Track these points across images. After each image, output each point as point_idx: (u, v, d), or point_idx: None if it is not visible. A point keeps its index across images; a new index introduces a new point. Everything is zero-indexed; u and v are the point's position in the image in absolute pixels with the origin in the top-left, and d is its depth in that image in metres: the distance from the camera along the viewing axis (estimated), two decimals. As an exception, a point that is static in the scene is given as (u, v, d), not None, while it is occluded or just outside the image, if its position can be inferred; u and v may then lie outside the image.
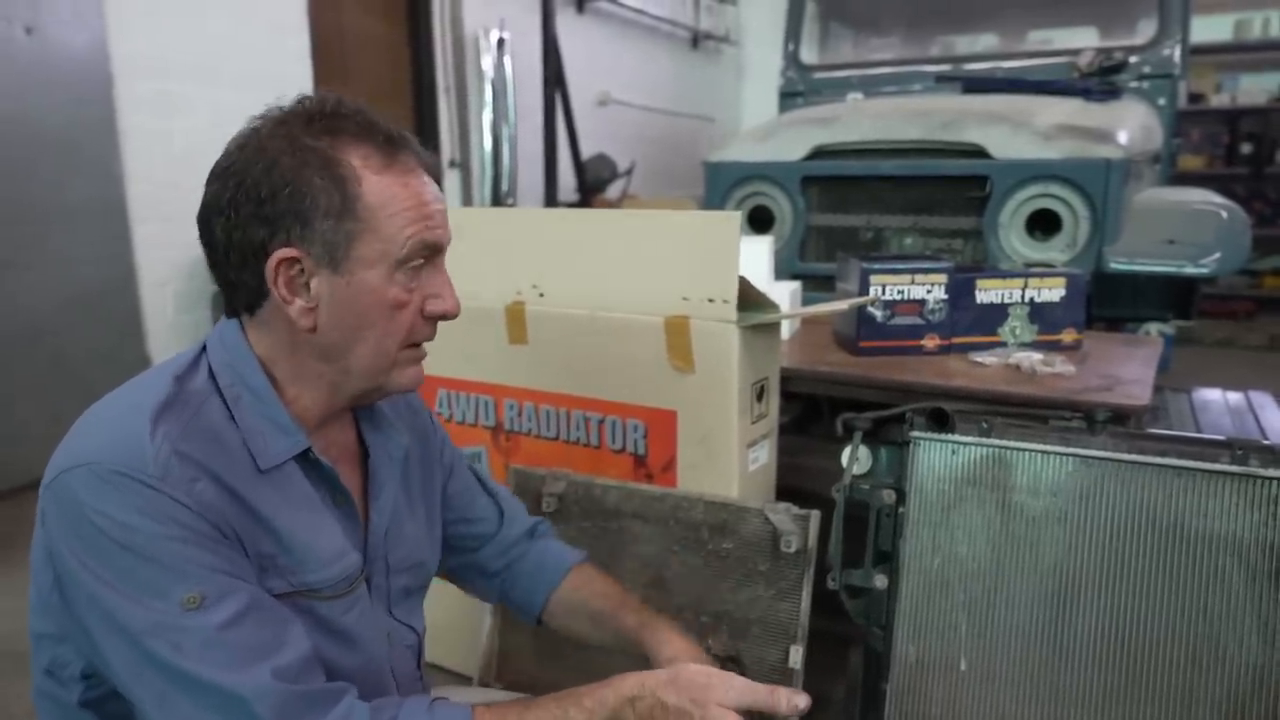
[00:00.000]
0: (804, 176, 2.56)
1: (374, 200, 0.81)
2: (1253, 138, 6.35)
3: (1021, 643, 1.27)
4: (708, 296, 1.48)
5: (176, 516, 0.75)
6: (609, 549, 1.52)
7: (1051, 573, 1.25)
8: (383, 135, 0.83)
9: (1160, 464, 1.20)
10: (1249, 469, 1.17)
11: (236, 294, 0.86)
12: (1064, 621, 1.25)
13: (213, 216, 0.83)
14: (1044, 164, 2.26)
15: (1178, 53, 3.15)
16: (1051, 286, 1.75)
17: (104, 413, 0.82)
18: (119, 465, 0.75)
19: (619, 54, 6.21)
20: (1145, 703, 1.21)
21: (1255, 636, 1.16)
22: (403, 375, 0.90)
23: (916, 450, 1.31)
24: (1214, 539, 1.18)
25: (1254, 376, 4.14)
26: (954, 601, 1.31)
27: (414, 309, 0.87)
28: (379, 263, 0.82)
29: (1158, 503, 1.20)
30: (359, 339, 0.85)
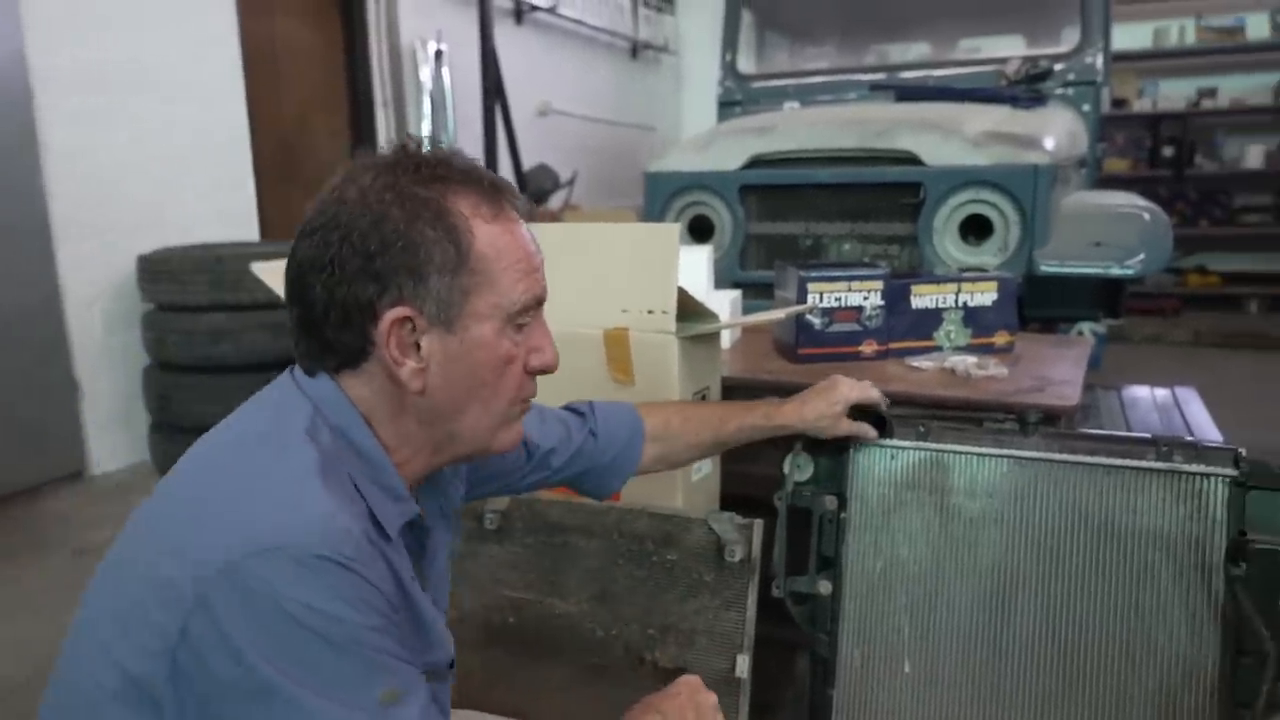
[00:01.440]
0: (742, 185, 2.58)
1: (487, 252, 0.77)
2: (1173, 141, 6.60)
3: (962, 643, 1.29)
4: (647, 308, 1.48)
5: (372, 602, 0.69)
6: (553, 564, 1.51)
7: (990, 573, 1.27)
8: (487, 181, 0.80)
9: (1090, 463, 1.23)
10: (1174, 465, 1.20)
11: (330, 354, 0.79)
12: (1002, 621, 1.27)
13: (309, 274, 0.76)
14: (974, 170, 2.31)
15: (1100, 60, 3.25)
16: (984, 290, 1.79)
17: (257, 483, 0.72)
18: (318, 548, 0.67)
19: (558, 64, 6.21)
20: (1081, 699, 1.23)
21: (1184, 629, 1.20)
22: (508, 434, 0.86)
23: (856, 456, 1.32)
24: (1143, 535, 1.21)
25: (1180, 370, 4.29)
26: (897, 604, 1.32)
27: (521, 364, 0.83)
28: (491, 318, 0.79)
29: (1089, 501, 1.23)
30: (471, 399, 0.81)
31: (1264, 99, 6.45)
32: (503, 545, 1.59)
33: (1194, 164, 6.60)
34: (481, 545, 1.60)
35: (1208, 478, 1.18)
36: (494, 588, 1.57)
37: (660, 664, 1.48)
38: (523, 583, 1.54)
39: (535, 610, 1.52)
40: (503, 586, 1.55)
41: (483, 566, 1.60)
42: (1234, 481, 1.17)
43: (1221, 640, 1.18)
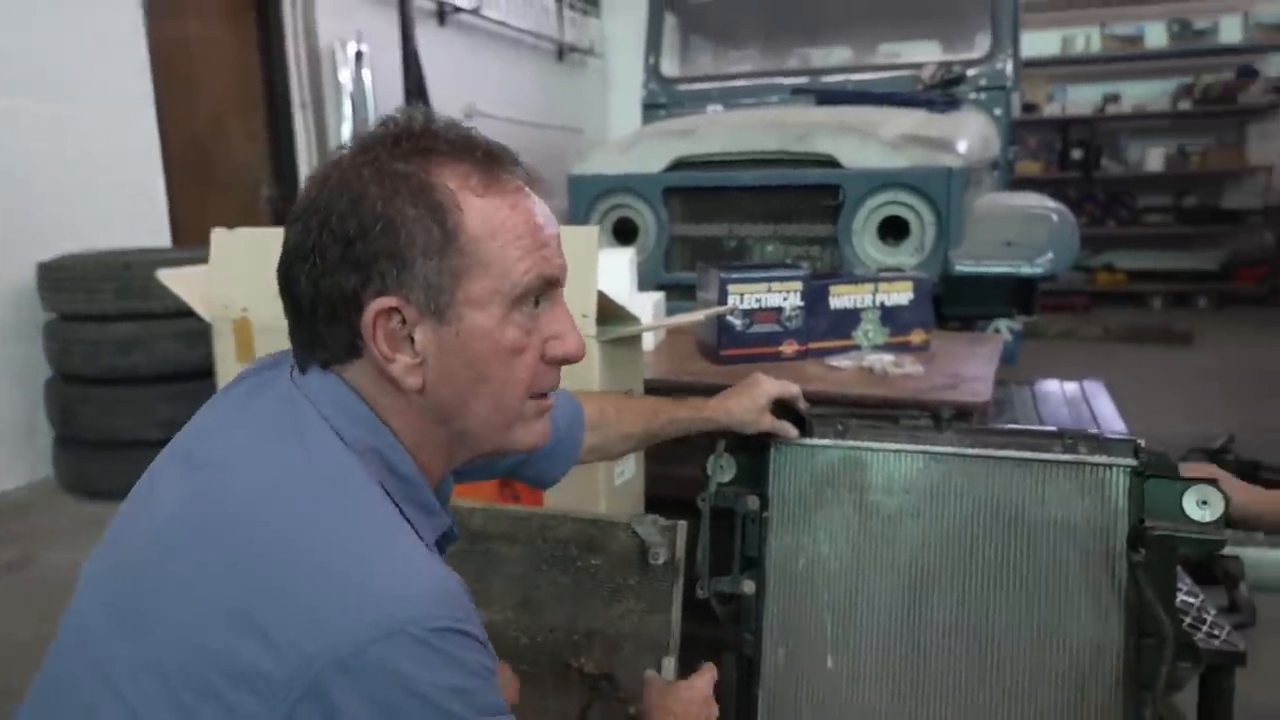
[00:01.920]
0: (666, 188, 2.59)
1: (479, 228, 0.69)
2: (1081, 145, 6.87)
3: (882, 637, 1.31)
4: (567, 312, 1.46)
5: (486, 659, 0.64)
6: (476, 571, 1.49)
7: (907, 567, 1.30)
8: (481, 150, 0.72)
9: (1000, 456, 1.26)
10: (1079, 457, 1.24)
11: (319, 351, 0.72)
12: (920, 613, 1.29)
13: (295, 264, 0.70)
14: (891, 173, 2.36)
15: (1010, 66, 3.36)
16: (900, 290, 1.83)
17: (344, 547, 0.64)
18: (437, 620, 0.61)
19: (483, 66, 6.15)
20: (996, 686, 1.26)
21: (1091, 615, 1.24)
22: (529, 432, 0.78)
23: (777, 456, 1.33)
24: (1051, 525, 1.25)
25: (1090, 365, 4.46)
26: (819, 601, 1.34)
27: (534, 353, 0.75)
28: (490, 302, 0.70)
29: (1000, 493, 1.26)
30: (475, 396, 0.72)
31: (1163, 105, 6.76)
32: (424, 555, 1.56)
33: (1100, 166, 6.88)
34: (402, 555, 1.57)
35: (1110, 468, 1.23)
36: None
37: (586, 670, 1.47)
38: (446, 592, 1.51)
39: (459, 620, 1.49)
40: (425, 597, 1.53)
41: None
42: (1134, 471, 1.22)
43: (1125, 624, 1.22)
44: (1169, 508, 1.21)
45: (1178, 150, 6.82)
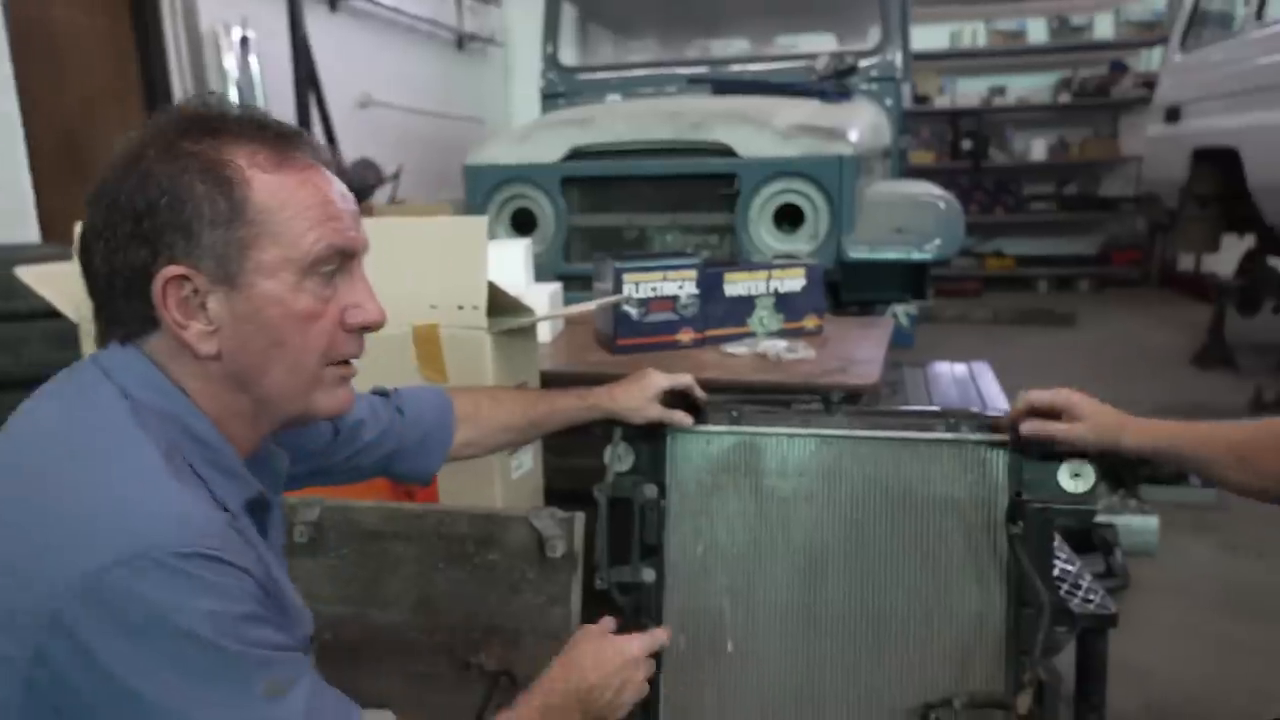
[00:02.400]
0: (564, 178, 2.56)
1: (267, 201, 0.73)
2: (970, 135, 7.12)
3: (779, 618, 1.32)
4: (457, 303, 1.44)
5: (245, 589, 0.67)
6: (371, 574, 1.45)
7: (802, 549, 1.32)
8: (273, 131, 0.76)
9: (887, 437, 1.29)
10: (961, 435, 1.28)
11: (119, 327, 0.76)
12: (815, 594, 1.32)
13: (91, 243, 0.74)
14: (785, 161, 2.40)
15: (899, 58, 3.45)
16: (793, 276, 1.85)
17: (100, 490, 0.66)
18: (181, 545, 0.64)
19: (379, 54, 5.98)
20: (889, 661, 1.30)
21: (975, 587, 1.28)
22: (329, 398, 0.82)
23: (673, 444, 1.33)
24: (937, 502, 1.28)
25: (981, 346, 4.63)
26: (718, 586, 1.35)
27: (331, 321, 0.79)
28: (281, 270, 0.75)
29: (888, 473, 1.30)
30: (272, 360, 0.76)
31: (1045, 97, 7.08)
32: (316, 559, 1.51)
33: (989, 156, 7.15)
34: (293, 560, 1.50)
35: (989, 446, 1.27)
36: (308, 603, 1.48)
37: (486, 667, 1.45)
38: (339, 596, 1.47)
39: (355, 623, 1.45)
40: (318, 602, 1.46)
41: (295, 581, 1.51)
42: (1012, 449, 1.26)
43: (1006, 595, 1.27)
44: (1046, 481, 1.25)
45: (1059, 141, 7.15)
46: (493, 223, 2.62)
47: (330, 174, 0.80)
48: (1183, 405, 3.98)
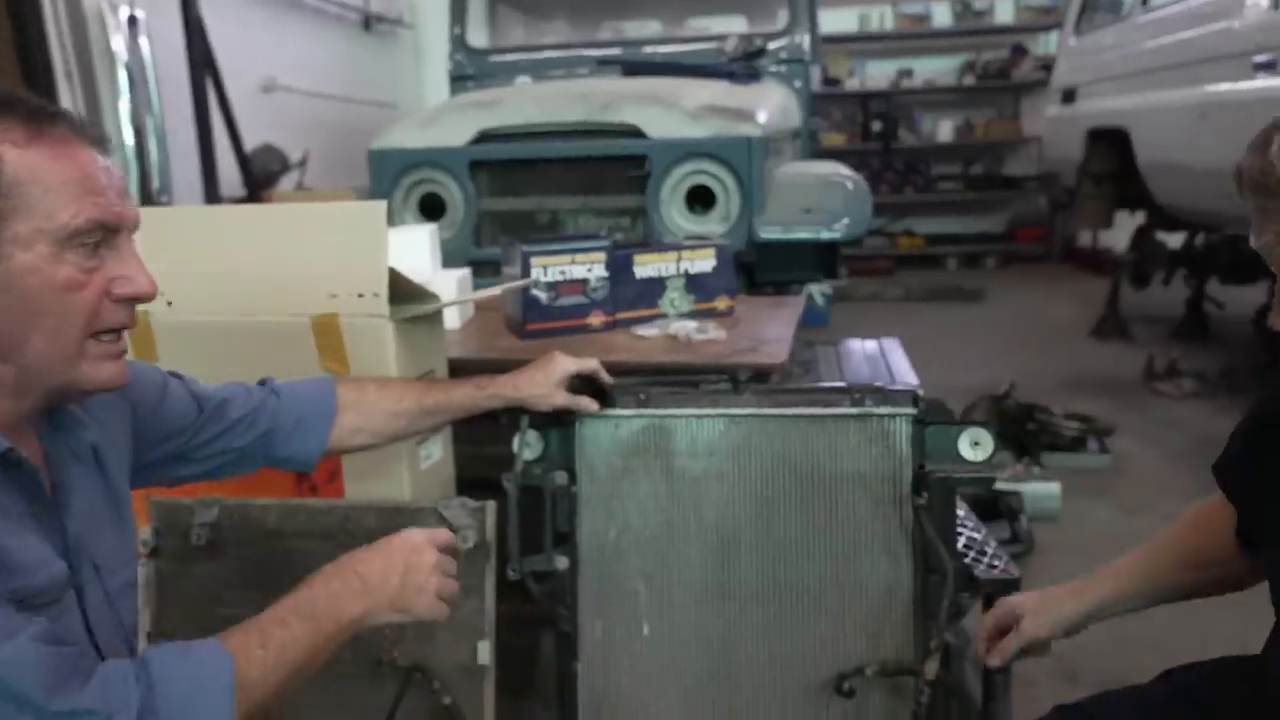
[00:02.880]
0: (472, 161, 2.51)
1: (20, 175, 0.76)
2: (880, 117, 7.27)
3: (694, 598, 1.33)
4: (357, 291, 1.39)
5: None
6: (274, 575, 1.40)
7: (714, 528, 1.32)
8: (26, 108, 0.79)
9: (795, 414, 1.31)
10: (866, 409, 1.30)
11: None
12: (728, 572, 1.32)
13: None
14: (694, 142, 2.40)
15: (807, 40, 3.49)
16: (703, 257, 1.86)
17: None
18: None
19: (282, 37, 5.77)
20: (802, 633, 1.31)
21: (883, 558, 1.30)
22: (98, 370, 0.84)
23: (582, 429, 1.32)
24: (845, 476, 1.30)
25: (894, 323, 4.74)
26: (632, 570, 1.34)
27: (95, 291, 0.81)
28: (38, 241, 0.77)
29: (797, 450, 1.31)
30: (31, 330, 0.79)
31: (950, 80, 7.26)
32: (215, 561, 1.45)
33: (898, 138, 7.31)
34: (190, 564, 1.45)
35: (893, 418, 1.29)
36: (209, 609, 1.43)
37: (399, 663, 1.42)
38: (241, 599, 1.41)
39: (259, 626, 1.40)
40: (219, 606, 1.42)
41: (194, 587, 1.45)
42: (915, 420, 1.28)
43: (914, 563, 1.29)
44: (947, 451, 1.28)
45: (964, 122, 7.35)
46: (400, 208, 2.55)
47: (93, 150, 0.82)
48: (1083, 375, 4.16)
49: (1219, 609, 1.22)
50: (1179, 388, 3.84)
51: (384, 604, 0.93)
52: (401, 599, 0.94)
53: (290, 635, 0.85)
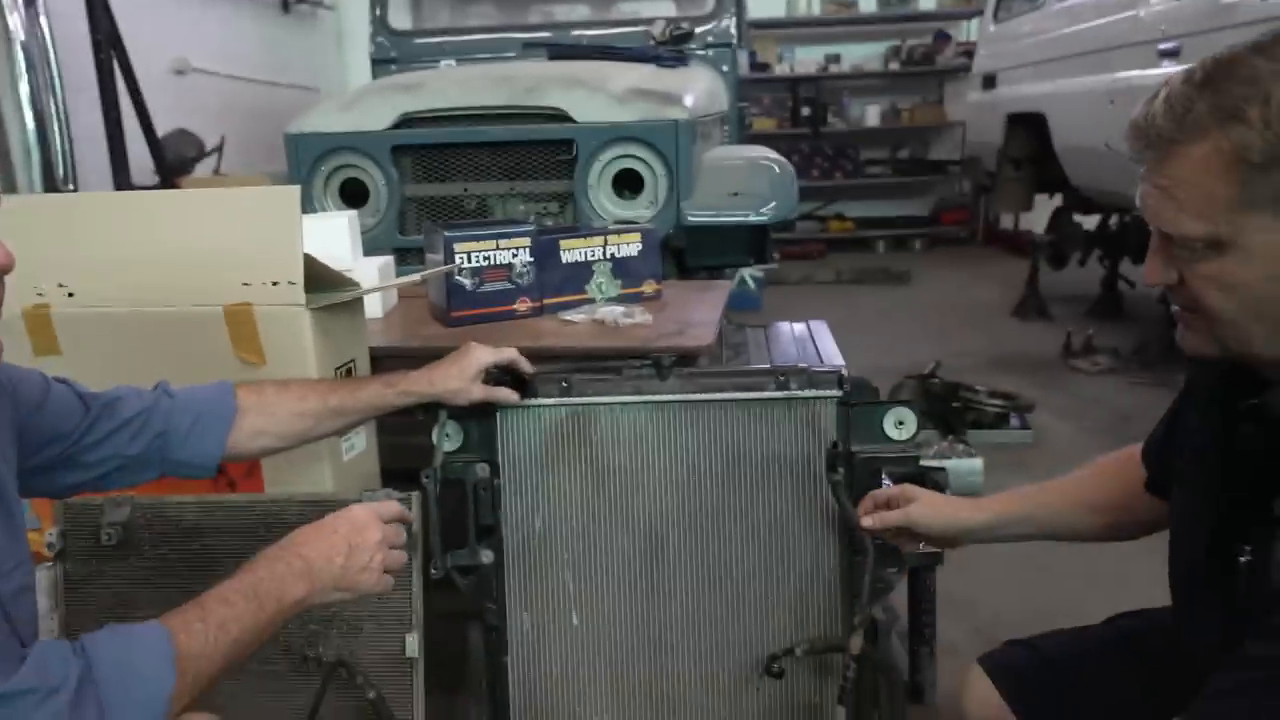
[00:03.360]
0: (394, 146, 2.46)
1: None
2: (809, 102, 7.34)
3: (623, 586, 1.32)
4: (271, 280, 1.35)
5: None
6: (192, 574, 1.35)
7: (642, 515, 1.32)
8: None
9: (720, 399, 1.30)
10: (791, 393, 1.30)
11: None
12: (657, 558, 1.32)
13: None
14: (621, 126, 2.38)
15: (734, 25, 3.50)
16: (629, 242, 1.85)
17: None
18: None
19: (195, 17, 5.56)
20: (731, 617, 1.32)
21: (810, 539, 1.32)
22: None
23: (503, 420, 1.29)
24: (771, 459, 1.30)
25: (826, 306, 4.82)
26: (559, 561, 1.33)
27: None
28: None
29: (723, 435, 1.31)
30: None
31: (876, 65, 7.37)
32: (128, 561, 1.40)
33: (827, 122, 7.40)
34: (102, 565, 1.39)
35: (818, 400, 1.30)
36: (122, 612, 1.37)
37: (325, 659, 1.39)
38: (157, 600, 1.36)
39: (177, 628, 1.35)
40: (132, 608, 1.37)
41: (105, 589, 1.40)
42: (840, 401, 1.29)
43: (838, 543, 1.31)
44: (872, 430, 1.29)
45: (891, 107, 7.47)
46: (320, 194, 2.48)
47: None
48: (1005, 354, 4.29)
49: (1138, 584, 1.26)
50: (1094, 364, 3.98)
51: (327, 585, 0.94)
52: (345, 580, 0.96)
53: (232, 613, 0.86)
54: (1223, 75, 0.73)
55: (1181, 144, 0.75)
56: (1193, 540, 0.93)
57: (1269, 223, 0.73)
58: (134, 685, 0.77)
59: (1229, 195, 0.73)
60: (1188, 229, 0.76)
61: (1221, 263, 0.76)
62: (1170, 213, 0.77)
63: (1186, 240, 0.77)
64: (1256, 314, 0.76)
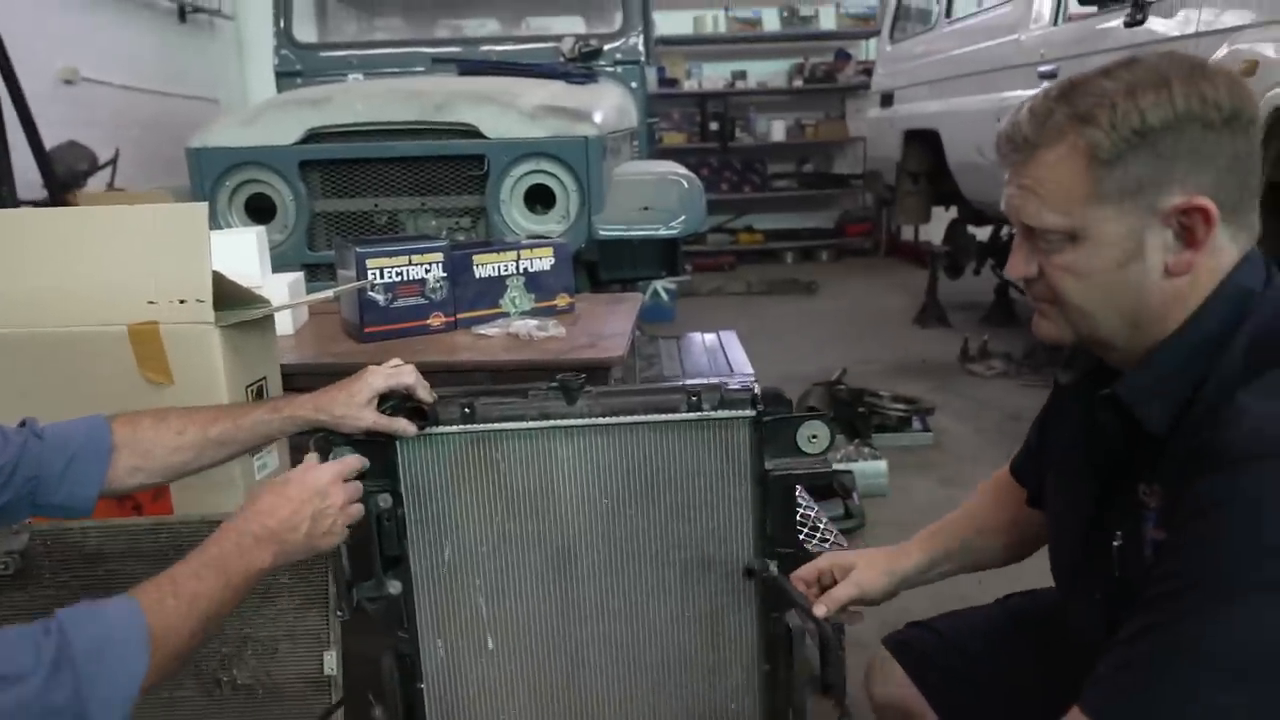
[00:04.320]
0: (302, 161, 2.43)
1: None
2: (717, 117, 7.51)
3: (537, 608, 1.28)
4: (178, 297, 1.34)
5: None
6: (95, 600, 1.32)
7: (552, 536, 1.27)
8: None
9: (628, 422, 1.24)
10: (704, 414, 1.24)
11: None
12: (570, 579, 1.28)
13: None
14: (532, 142, 2.42)
15: (641, 42, 3.57)
16: (541, 256, 1.88)
17: None
18: None
19: (84, 25, 5.34)
20: (644, 636, 1.30)
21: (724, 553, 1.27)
22: None
23: (403, 448, 1.21)
24: (683, 476, 1.26)
25: (737, 316, 4.94)
26: (471, 586, 1.27)
27: None
28: None
29: (634, 455, 1.25)
30: None
31: (781, 82, 7.60)
32: (28, 591, 1.36)
33: (735, 137, 7.58)
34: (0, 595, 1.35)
35: (731, 418, 1.24)
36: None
37: (240, 681, 1.38)
38: (59, 629, 1.33)
39: (80, 657, 1.32)
40: (32, 639, 1.33)
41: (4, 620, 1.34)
42: (753, 420, 1.24)
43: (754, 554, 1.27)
44: (785, 445, 1.25)
45: (795, 123, 7.70)
46: (225, 210, 2.44)
47: None
48: (907, 359, 4.47)
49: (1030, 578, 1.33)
50: (989, 368, 4.19)
51: (291, 551, 0.97)
52: (308, 545, 0.99)
53: (203, 587, 0.87)
54: (1076, 90, 0.84)
55: (1042, 147, 0.84)
56: (1070, 533, 1.01)
57: (1115, 214, 0.82)
58: (110, 664, 0.77)
59: (1083, 190, 0.82)
60: (1049, 222, 0.85)
61: (1076, 252, 0.84)
62: (1033, 208, 0.86)
63: (1047, 232, 0.85)
64: (1105, 298, 0.85)
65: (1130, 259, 0.83)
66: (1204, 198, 0.80)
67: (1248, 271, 0.84)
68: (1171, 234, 0.82)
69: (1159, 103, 0.79)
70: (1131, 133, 0.80)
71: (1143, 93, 0.80)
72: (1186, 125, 0.79)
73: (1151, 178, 0.80)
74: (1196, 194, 0.80)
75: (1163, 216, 0.81)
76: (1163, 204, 0.81)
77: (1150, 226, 0.82)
